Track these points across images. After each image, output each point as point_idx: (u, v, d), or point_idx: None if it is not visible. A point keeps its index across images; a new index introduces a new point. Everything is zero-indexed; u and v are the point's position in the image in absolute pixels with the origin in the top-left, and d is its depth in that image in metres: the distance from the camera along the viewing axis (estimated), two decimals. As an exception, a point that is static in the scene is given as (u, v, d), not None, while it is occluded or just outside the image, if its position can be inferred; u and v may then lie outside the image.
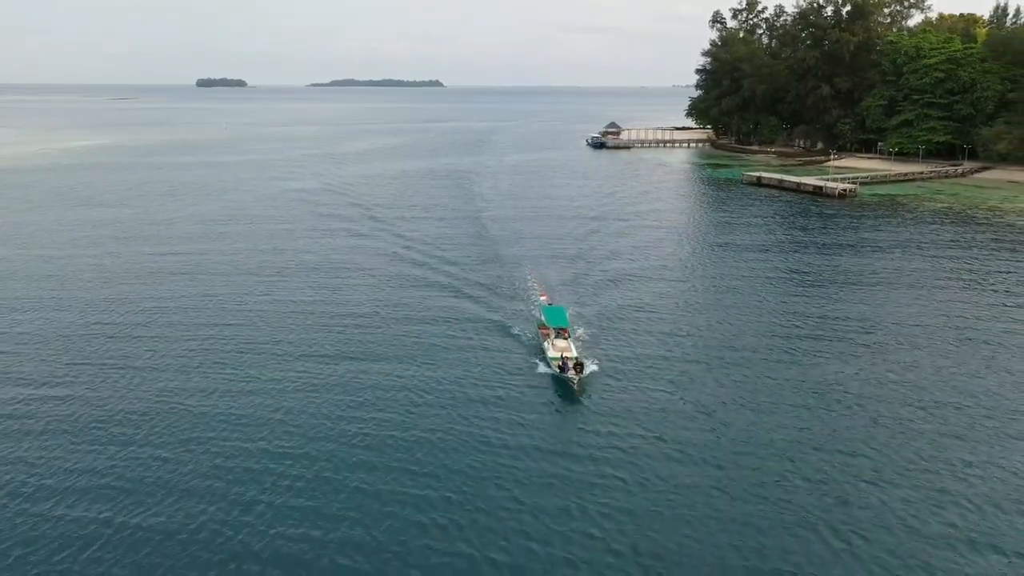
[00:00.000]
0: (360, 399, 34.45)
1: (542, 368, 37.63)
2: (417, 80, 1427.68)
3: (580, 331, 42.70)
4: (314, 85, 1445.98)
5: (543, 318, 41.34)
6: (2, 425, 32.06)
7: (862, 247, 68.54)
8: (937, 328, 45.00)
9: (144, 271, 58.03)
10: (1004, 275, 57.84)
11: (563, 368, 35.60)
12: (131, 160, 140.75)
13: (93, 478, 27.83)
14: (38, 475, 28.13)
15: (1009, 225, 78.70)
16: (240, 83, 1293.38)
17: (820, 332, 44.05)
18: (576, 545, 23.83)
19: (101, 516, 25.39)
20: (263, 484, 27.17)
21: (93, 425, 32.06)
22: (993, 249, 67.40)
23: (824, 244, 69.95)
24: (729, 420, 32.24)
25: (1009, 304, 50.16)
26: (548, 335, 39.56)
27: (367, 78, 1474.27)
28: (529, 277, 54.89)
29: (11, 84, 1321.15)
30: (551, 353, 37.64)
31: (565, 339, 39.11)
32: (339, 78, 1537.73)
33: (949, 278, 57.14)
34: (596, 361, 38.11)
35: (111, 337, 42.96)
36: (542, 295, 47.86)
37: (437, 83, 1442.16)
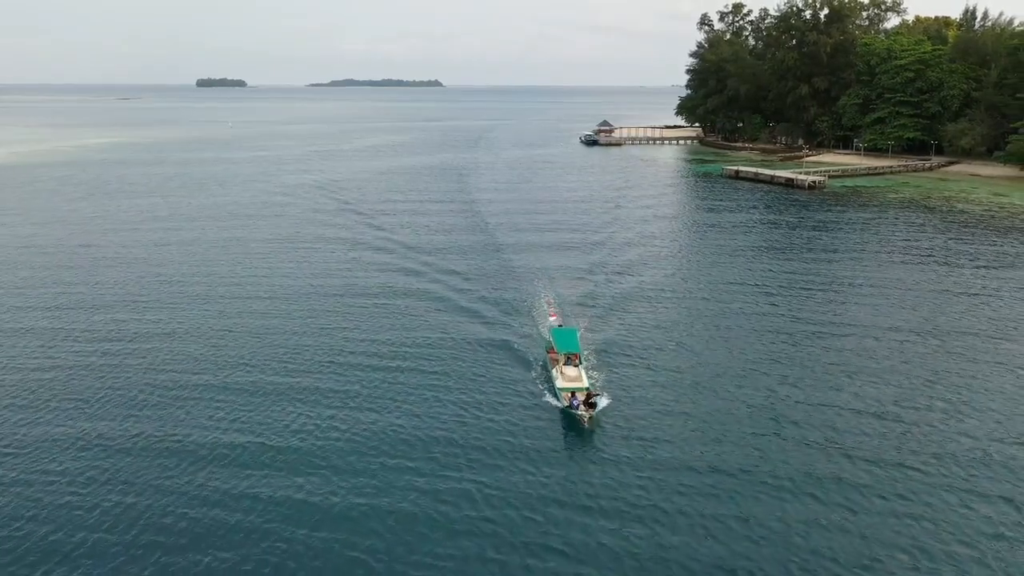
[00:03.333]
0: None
1: (550, 399, 34.19)
2: (417, 80, 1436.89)
3: (590, 355, 39.10)
4: (314, 85, 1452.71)
5: (552, 341, 37.72)
6: (77, 360, 39.92)
7: (828, 227, 77.34)
8: (882, 285, 53.88)
9: (189, 250, 66.06)
10: (941, 246, 66.07)
11: (572, 402, 32.30)
12: (148, 156, 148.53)
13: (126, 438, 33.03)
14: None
15: (962, 212, 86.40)
16: (240, 83, 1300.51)
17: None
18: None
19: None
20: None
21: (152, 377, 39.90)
22: (938, 228, 75.77)
23: (795, 226, 78.72)
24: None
25: (935, 263, 58.50)
26: (557, 361, 36.00)
27: (367, 78, 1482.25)
28: (541, 293, 51.20)
29: (11, 84, 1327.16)
30: (559, 383, 34.08)
31: (576, 366, 35.55)
32: (339, 78, 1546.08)
33: (893, 248, 66.09)
34: (608, 394, 34.29)
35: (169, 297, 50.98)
36: (552, 315, 44.23)
37: (437, 83, 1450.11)
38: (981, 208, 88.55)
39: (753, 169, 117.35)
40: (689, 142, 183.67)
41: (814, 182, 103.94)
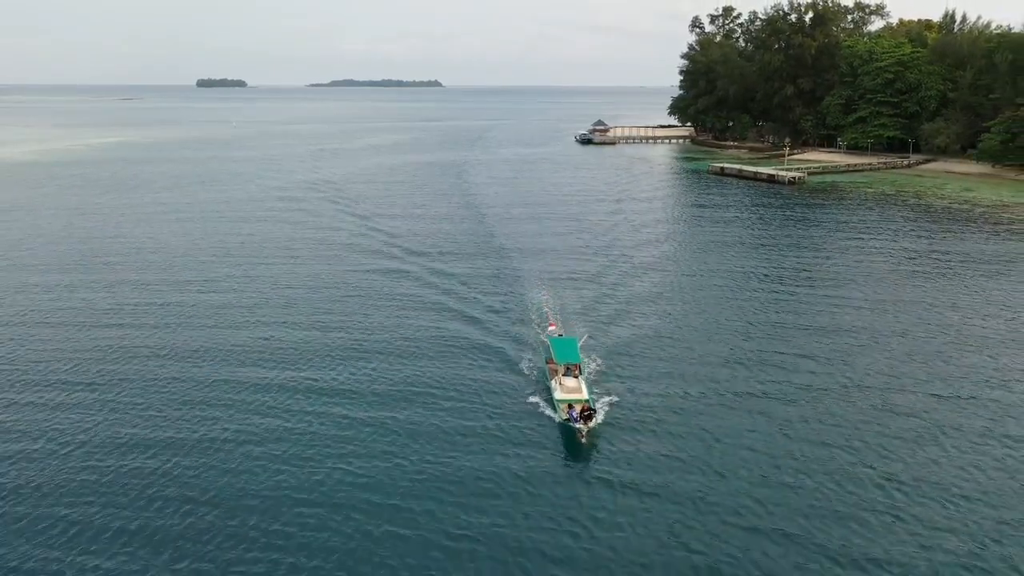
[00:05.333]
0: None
1: (547, 411, 33.57)
2: (417, 80, 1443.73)
3: (592, 364, 38.43)
4: (314, 85, 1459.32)
5: (551, 351, 36.87)
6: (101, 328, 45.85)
7: (804, 218, 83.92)
8: (845, 266, 60.03)
9: (208, 237, 72.02)
10: (905, 231, 72.21)
11: (570, 414, 31.61)
12: (159, 155, 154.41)
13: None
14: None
15: (928, 204, 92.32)
16: (240, 83, 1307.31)
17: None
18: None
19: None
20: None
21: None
22: (906, 217, 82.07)
23: (774, 215, 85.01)
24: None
25: (895, 245, 64.72)
26: (556, 372, 35.38)
27: (367, 78, 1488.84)
28: (540, 299, 50.59)
29: (11, 85, 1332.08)
30: (558, 395, 33.43)
31: (575, 377, 34.87)
32: (339, 78, 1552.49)
33: (862, 234, 72.64)
34: (607, 406, 33.73)
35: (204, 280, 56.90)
36: (551, 324, 42.98)
37: (436, 83, 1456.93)
38: (947, 201, 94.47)
39: (737, 166, 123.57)
40: (681, 141, 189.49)
41: (794, 178, 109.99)
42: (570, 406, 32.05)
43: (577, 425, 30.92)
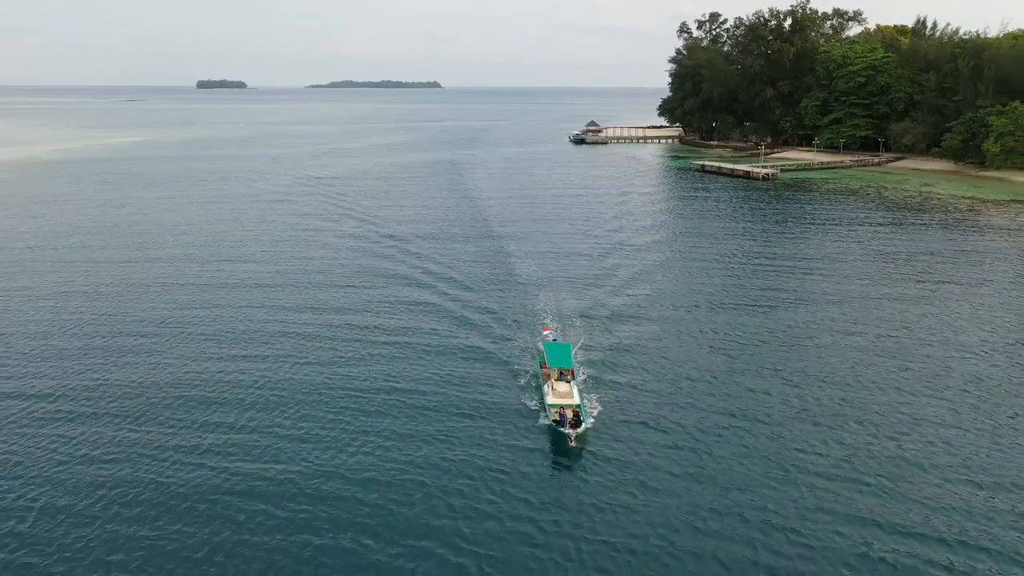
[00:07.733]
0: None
1: (539, 415, 34.00)
2: (416, 81, 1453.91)
3: (584, 368, 38.69)
4: (313, 87, 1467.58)
5: (545, 356, 37.17)
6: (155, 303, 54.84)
7: (772, 206, 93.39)
8: (810, 250, 69.03)
9: (230, 229, 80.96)
10: (857, 217, 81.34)
11: (560, 420, 31.99)
12: (177, 154, 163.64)
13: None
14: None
15: (886, 197, 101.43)
16: (240, 84, 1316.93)
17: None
18: None
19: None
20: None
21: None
22: (862, 207, 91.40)
23: (748, 207, 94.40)
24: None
25: (847, 229, 73.91)
26: (549, 376, 35.78)
27: (366, 79, 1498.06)
28: (536, 302, 51.10)
29: (12, 86, 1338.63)
30: (549, 400, 33.90)
31: (568, 382, 35.29)
32: (338, 79, 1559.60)
33: (822, 218, 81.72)
34: (598, 412, 34.13)
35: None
36: (546, 329, 43.09)
37: (435, 84, 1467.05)
38: (905, 194, 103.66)
39: (716, 163, 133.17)
40: (670, 141, 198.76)
41: (767, 174, 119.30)
42: (561, 410, 32.56)
43: (567, 430, 31.39)
